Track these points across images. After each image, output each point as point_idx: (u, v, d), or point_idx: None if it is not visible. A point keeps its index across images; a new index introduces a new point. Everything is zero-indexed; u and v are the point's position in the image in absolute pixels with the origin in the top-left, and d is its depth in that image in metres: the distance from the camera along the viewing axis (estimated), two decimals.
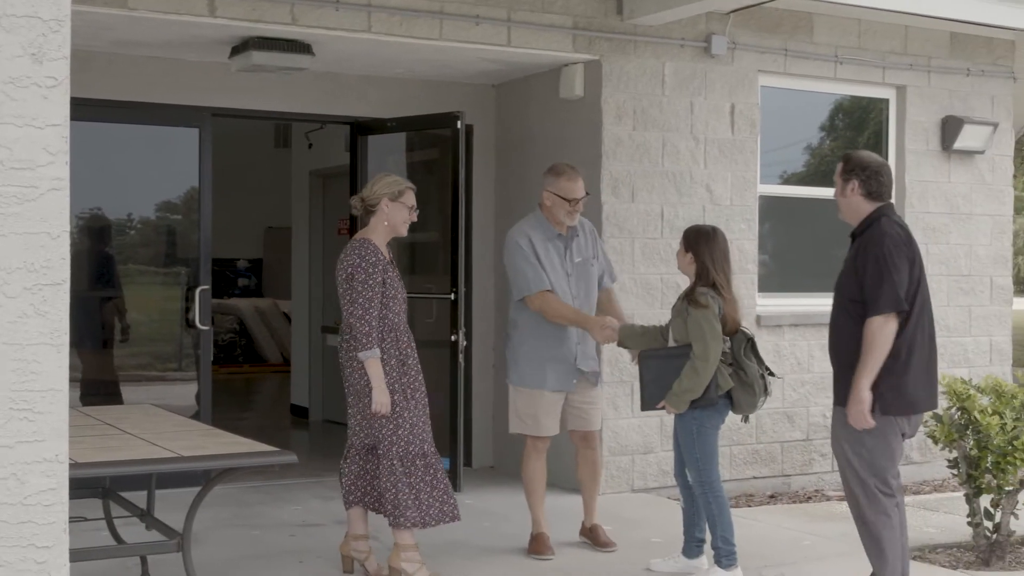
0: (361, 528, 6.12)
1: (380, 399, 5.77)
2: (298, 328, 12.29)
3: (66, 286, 3.18)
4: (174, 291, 8.66)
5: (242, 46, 7.54)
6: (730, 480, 8.05)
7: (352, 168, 8.92)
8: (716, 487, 5.97)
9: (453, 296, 8.08)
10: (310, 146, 11.60)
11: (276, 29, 7.25)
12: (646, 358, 6.09)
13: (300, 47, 7.55)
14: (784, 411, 8.72)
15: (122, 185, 8.48)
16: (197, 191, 8.36)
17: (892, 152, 9.43)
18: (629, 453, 8.25)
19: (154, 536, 5.60)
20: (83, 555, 4.92)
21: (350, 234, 8.95)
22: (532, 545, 6.57)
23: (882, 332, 5.16)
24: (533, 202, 8.60)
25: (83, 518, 5.80)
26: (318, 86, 8.61)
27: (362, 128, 8.85)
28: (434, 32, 7.59)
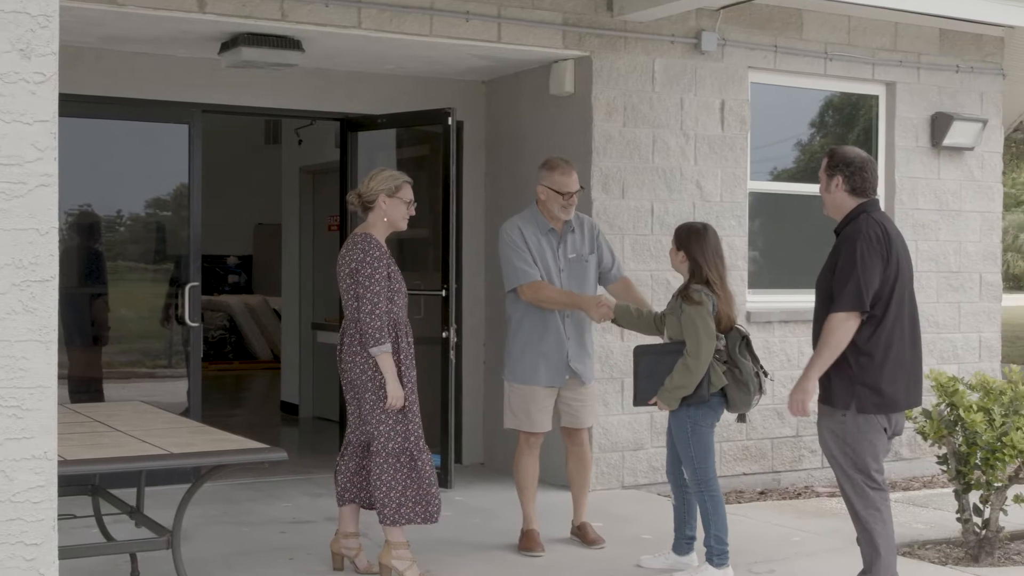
0: (352, 526, 6.11)
1: (394, 393, 5.76)
2: (288, 325, 12.27)
3: (55, 283, 3.17)
4: (163, 288, 8.64)
5: (232, 42, 7.52)
6: (720, 476, 8.02)
7: (342, 164, 8.91)
8: (712, 485, 5.96)
9: (444, 292, 8.07)
10: (300, 142, 11.58)
11: (266, 25, 7.24)
12: (640, 354, 6.08)
13: (290, 43, 7.54)
14: (774, 407, 8.72)
15: (111, 182, 8.45)
16: (187, 187, 8.34)
17: (882, 149, 9.45)
18: (619, 450, 8.26)
19: (144, 533, 5.58)
20: (72, 552, 4.91)
21: (340, 230, 8.96)
22: (522, 542, 6.57)
23: (840, 329, 5.17)
24: (524, 198, 8.61)
25: (72, 515, 5.78)
26: (308, 82, 8.60)
27: (352, 124, 8.84)
28: (424, 28, 7.58)
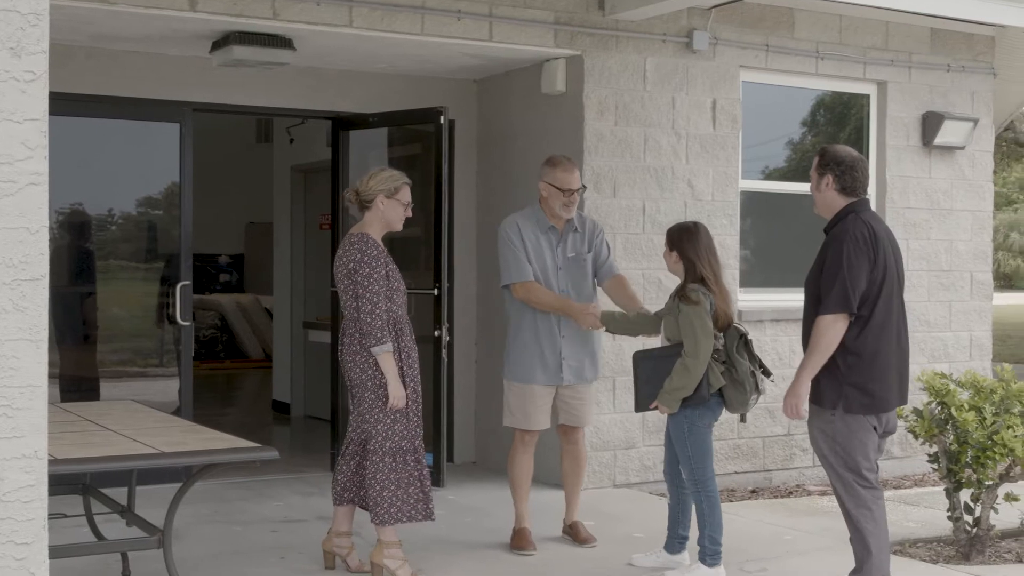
0: (346, 525, 6.11)
1: (396, 393, 5.76)
2: (280, 324, 12.26)
3: (45, 281, 3.16)
4: (155, 287, 8.63)
5: (223, 41, 7.51)
6: (713, 473, 8.06)
7: (334, 163, 8.90)
8: (709, 486, 5.95)
9: (436, 292, 8.07)
10: (291, 141, 11.57)
11: (257, 24, 7.23)
12: (639, 359, 6.06)
13: (281, 42, 7.53)
14: (765, 406, 8.72)
15: (103, 180, 8.44)
16: (178, 186, 8.33)
17: (873, 148, 9.46)
18: (611, 448, 8.26)
19: (135, 532, 5.58)
20: (63, 552, 4.91)
21: (332, 229, 8.96)
22: (514, 540, 6.57)
23: (829, 331, 5.18)
24: (515, 197, 8.62)
25: (63, 514, 5.78)
26: (299, 81, 8.59)
27: (344, 123, 8.83)
28: (416, 27, 7.58)
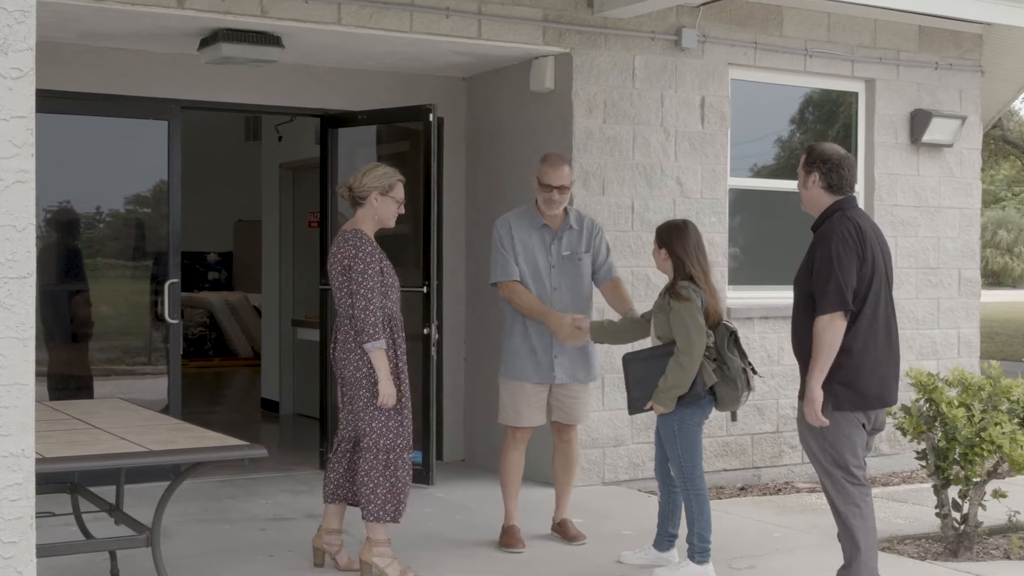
0: (336, 523, 6.11)
1: (387, 391, 5.76)
2: (268, 322, 12.25)
3: (32, 279, 3.15)
4: (143, 285, 8.61)
5: (211, 38, 7.49)
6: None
7: (323, 161, 8.89)
8: (698, 484, 5.95)
9: (426, 289, 8.07)
10: (280, 139, 11.55)
11: (245, 21, 7.21)
12: (629, 361, 6.05)
13: (270, 39, 7.52)
14: (754, 403, 8.74)
15: (90, 178, 8.42)
16: (166, 184, 8.31)
17: (861, 145, 9.47)
18: (600, 446, 8.26)
19: (123, 531, 5.57)
20: (51, 550, 4.89)
21: (320, 227, 8.94)
22: (503, 538, 6.57)
23: (829, 330, 5.18)
24: (504, 195, 8.62)
25: (51, 513, 5.76)
26: (288, 78, 8.57)
27: (332, 121, 8.82)
28: (404, 24, 7.57)
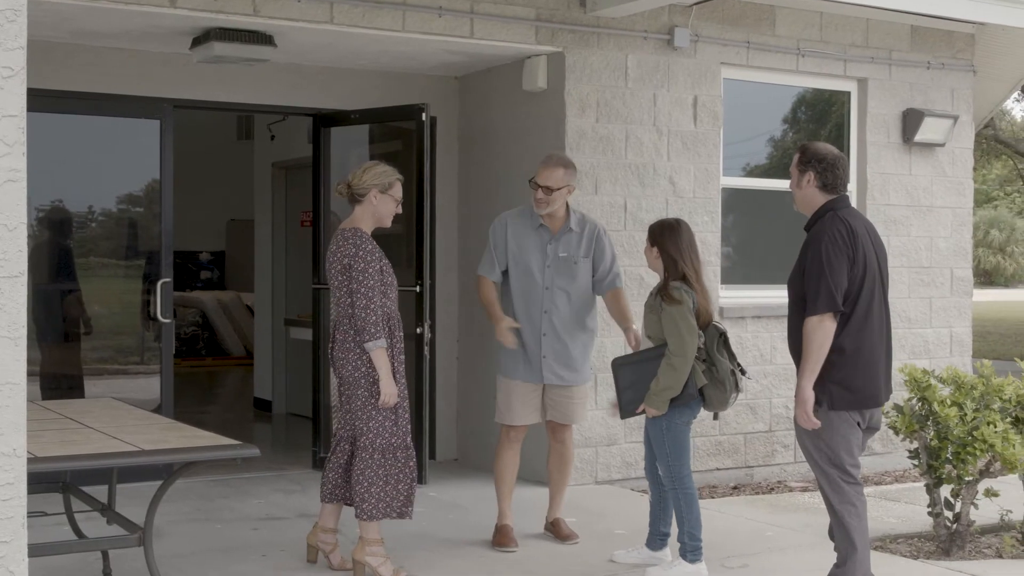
0: (332, 522, 6.10)
1: (388, 390, 5.75)
2: (261, 321, 12.24)
3: (23, 279, 3.15)
4: (136, 284, 8.60)
5: (203, 37, 7.48)
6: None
7: (315, 160, 8.88)
8: (686, 483, 5.96)
9: (418, 289, 8.06)
10: (272, 138, 11.54)
11: (238, 20, 7.20)
12: (619, 365, 6.04)
13: (262, 38, 7.51)
14: (747, 403, 8.75)
15: (82, 177, 8.41)
16: (158, 183, 8.30)
17: (854, 145, 9.49)
18: (593, 445, 8.27)
19: (115, 531, 5.56)
20: (43, 550, 4.89)
21: (313, 226, 8.93)
22: (496, 537, 6.57)
23: (819, 332, 5.18)
24: (496, 194, 8.62)
25: (43, 513, 5.76)
26: (280, 78, 8.57)
27: (325, 120, 8.81)
28: (397, 24, 7.56)
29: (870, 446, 9.16)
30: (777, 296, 8.75)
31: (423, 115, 8.08)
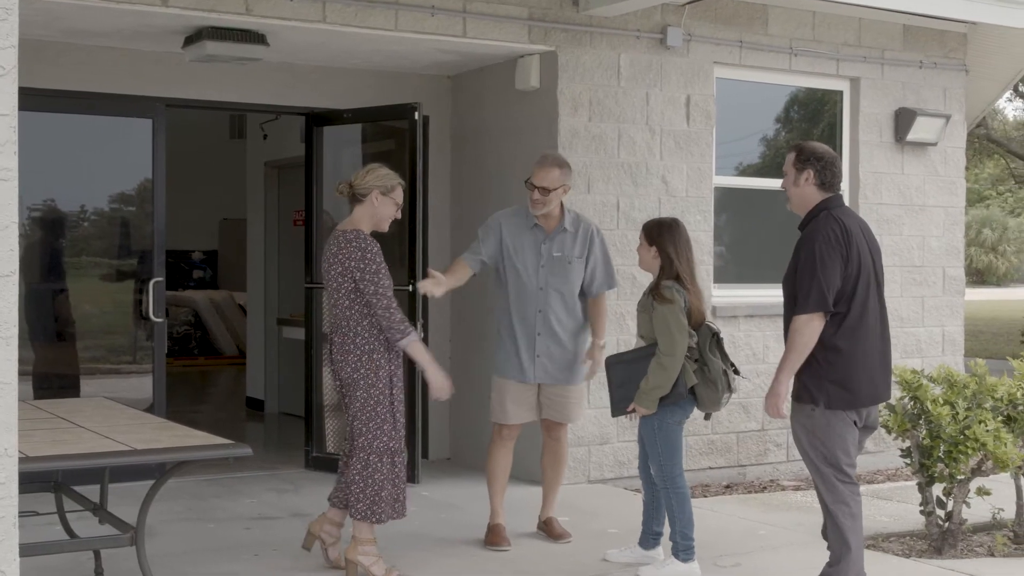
0: (339, 518, 6.07)
1: (438, 382, 5.88)
2: (254, 320, 12.22)
3: (14, 278, 3.14)
4: (128, 283, 8.59)
5: (196, 36, 7.48)
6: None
7: (308, 159, 8.87)
8: (678, 483, 5.96)
9: (411, 288, 8.06)
10: (265, 137, 11.54)
11: (230, 19, 7.20)
12: (611, 364, 6.04)
13: (254, 37, 7.50)
14: (739, 402, 8.76)
15: (75, 177, 8.39)
16: (151, 182, 8.29)
17: (846, 144, 9.49)
18: (586, 444, 8.27)
19: (107, 530, 5.55)
20: (34, 550, 4.88)
21: (305, 225, 8.93)
22: (488, 536, 6.57)
23: (806, 330, 5.20)
24: (489, 193, 8.62)
25: (35, 512, 5.74)
26: (273, 77, 8.56)
27: (318, 119, 8.80)
28: (389, 23, 7.56)
29: (864, 446, 9.18)
30: (770, 295, 8.79)
31: (416, 114, 8.08)
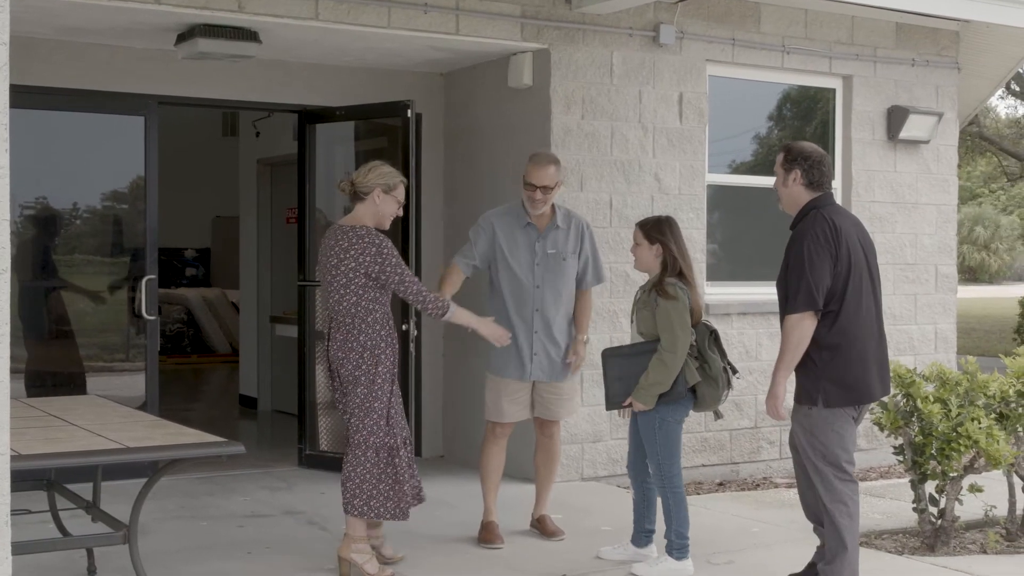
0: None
1: (496, 333, 6.16)
2: (246, 318, 12.21)
3: (7, 276, 3.13)
4: (121, 281, 8.57)
5: (188, 33, 7.46)
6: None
7: (300, 157, 8.86)
8: (675, 482, 5.95)
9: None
10: (257, 134, 11.52)
11: (222, 16, 7.18)
12: (609, 356, 6.03)
13: (247, 35, 7.49)
14: (732, 399, 8.74)
15: (67, 174, 8.38)
16: (143, 180, 8.28)
17: (838, 142, 9.50)
18: (579, 442, 8.27)
19: (100, 528, 5.55)
20: (27, 548, 4.88)
21: (298, 223, 8.92)
22: (482, 534, 6.57)
23: (797, 329, 5.23)
24: (482, 191, 8.62)
25: (27, 511, 5.74)
26: (265, 74, 8.55)
27: (310, 116, 8.80)
28: (382, 20, 7.55)
29: (856, 443, 9.19)
30: (762, 293, 8.80)
31: (408, 112, 8.07)
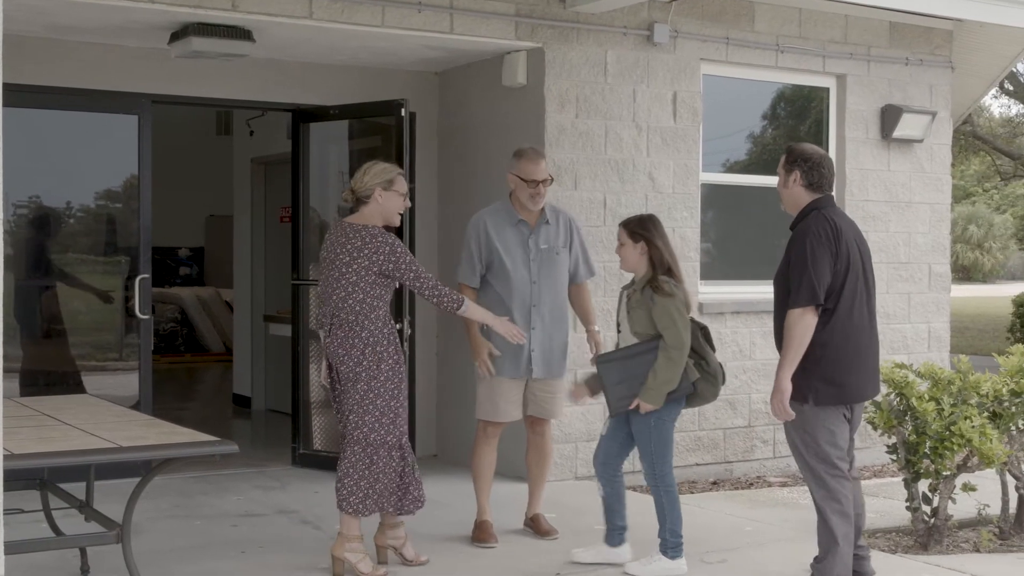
0: (387, 518, 6.05)
1: (511, 330, 6.09)
2: (240, 317, 12.21)
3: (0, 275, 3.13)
4: (114, 280, 8.56)
5: (181, 32, 7.45)
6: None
7: (294, 156, 8.86)
8: (668, 480, 5.93)
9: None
10: (251, 133, 11.51)
11: (216, 15, 7.18)
12: (604, 362, 5.98)
13: (240, 33, 7.48)
14: (726, 398, 8.77)
15: (60, 173, 8.37)
16: (137, 179, 8.27)
17: (832, 141, 9.51)
18: (573, 441, 8.27)
19: (93, 527, 5.53)
20: (20, 547, 4.87)
21: (292, 222, 8.91)
22: (475, 533, 6.58)
23: (799, 324, 5.26)
24: (476, 190, 8.61)
25: (20, 510, 5.73)
26: (259, 73, 8.54)
27: (304, 115, 8.79)
28: (376, 19, 7.55)
29: (854, 441, 9.19)
30: (756, 292, 8.81)
31: (402, 111, 8.06)
